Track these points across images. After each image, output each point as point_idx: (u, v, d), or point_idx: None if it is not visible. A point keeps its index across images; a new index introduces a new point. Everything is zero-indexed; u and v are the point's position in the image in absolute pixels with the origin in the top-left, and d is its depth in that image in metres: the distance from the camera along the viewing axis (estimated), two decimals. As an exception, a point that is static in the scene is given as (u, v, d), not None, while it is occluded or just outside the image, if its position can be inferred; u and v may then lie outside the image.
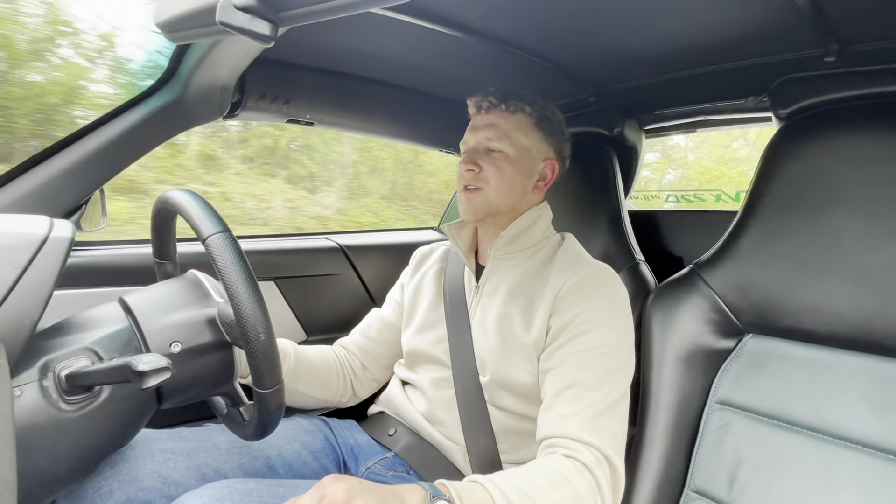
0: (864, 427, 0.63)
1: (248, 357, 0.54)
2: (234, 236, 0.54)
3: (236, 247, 0.54)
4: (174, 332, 0.59)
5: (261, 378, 0.54)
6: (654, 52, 0.93)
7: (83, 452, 0.55)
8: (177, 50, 0.85)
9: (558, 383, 0.73)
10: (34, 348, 0.52)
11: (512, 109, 0.85)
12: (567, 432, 0.68)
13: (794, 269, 0.71)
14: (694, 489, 0.73)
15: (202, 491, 0.58)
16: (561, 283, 0.79)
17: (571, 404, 0.70)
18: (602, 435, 0.68)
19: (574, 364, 0.73)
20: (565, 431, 0.68)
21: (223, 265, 0.52)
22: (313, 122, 1.15)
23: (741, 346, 0.77)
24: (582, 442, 0.67)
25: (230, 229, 0.55)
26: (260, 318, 0.53)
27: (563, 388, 0.72)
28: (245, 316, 0.52)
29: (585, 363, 0.73)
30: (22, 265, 0.52)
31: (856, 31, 0.75)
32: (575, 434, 0.68)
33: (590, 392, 0.70)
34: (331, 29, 0.89)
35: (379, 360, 1.00)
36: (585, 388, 0.71)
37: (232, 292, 0.52)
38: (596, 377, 0.71)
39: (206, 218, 0.55)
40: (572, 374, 0.72)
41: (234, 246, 0.54)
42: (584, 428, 0.68)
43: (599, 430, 0.68)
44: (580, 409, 0.69)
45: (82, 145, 0.86)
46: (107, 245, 1.04)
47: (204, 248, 0.53)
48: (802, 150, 0.73)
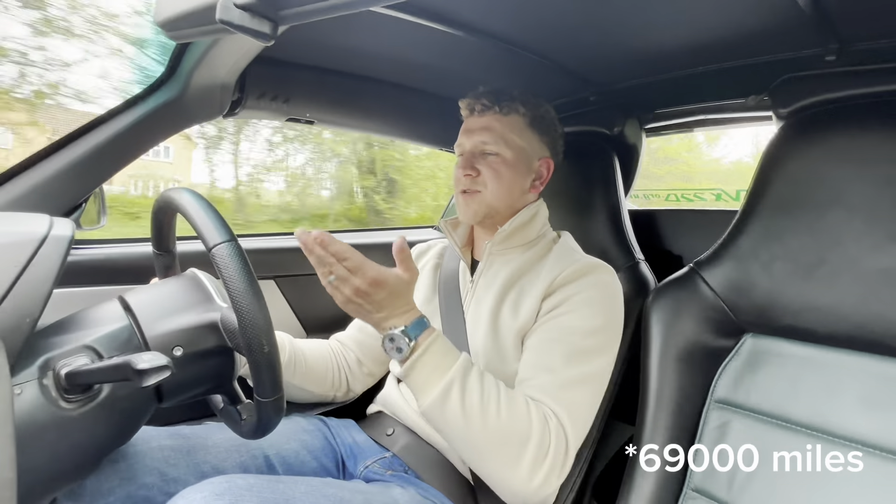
0: (863, 426, 0.63)
1: (250, 367, 0.54)
2: (240, 245, 0.54)
3: (243, 257, 0.54)
4: (176, 336, 0.58)
5: (263, 388, 0.55)
6: (654, 51, 0.93)
7: (83, 451, 0.55)
8: (177, 48, 0.85)
9: (533, 357, 0.77)
10: (34, 347, 0.52)
11: (506, 111, 0.86)
12: (530, 393, 0.72)
13: (795, 269, 0.71)
14: (693, 488, 0.73)
15: (202, 486, 0.59)
16: (556, 272, 0.80)
17: (539, 372, 0.74)
18: (562, 403, 0.71)
19: (549, 339, 0.76)
20: (529, 393, 0.73)
21: (229, 276, 0.52)
22: (313, 120, 1.15)
23: (741, 346, 0.77)
24: (542, 403, 0.71)
25: (236, 238, 0.54)
26: (264, 329, 0.53)
27: (536, 362, 0.76)
28: (250, 327, 0.52)
29: (561, 338, 0.76)
30: (22, 263, 0.52)
31: (857, 30, 0.75)
32: (537, 395, 0.72)
33: (560, 365, 0.74)
34: (331, 27, 0.89)
35: (375, 354, 1.00)
36: (557, 361, 0.74)
37: (238, 304, 0.52)
38: (568, 353, 0.74)
39: (213, 226, 0.55)
40: (546, 349, 0.76)
41: (240, 256, 0.53)
42: (546, 392, 0.72)
43: (561, 398, 0.72)
44: (545, 377, 0.73)
45: (82, 143, 0.85)
46: (107, 243, 1.04)
47: (210, 257, 0.53)
48: (803, 150, 0.73)
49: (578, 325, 0.76)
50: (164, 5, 0.51)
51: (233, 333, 0.58)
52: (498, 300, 0.83)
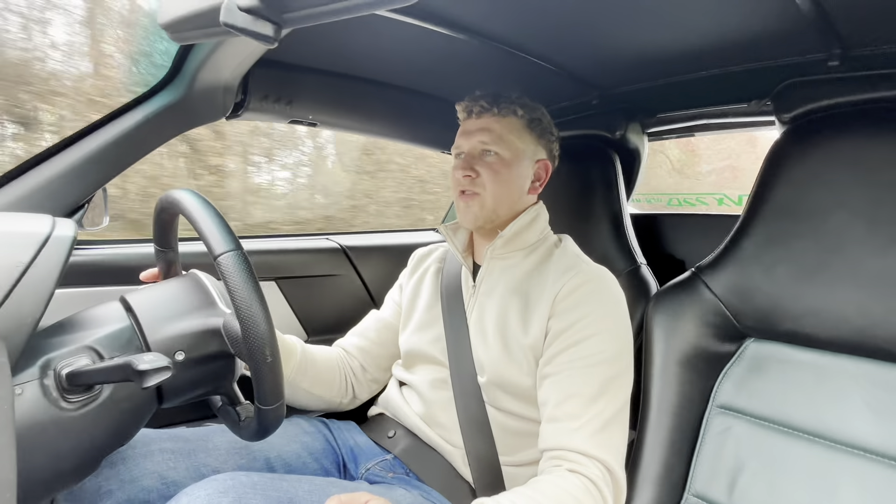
0: (865, 432, 0.63)
1: (252, 375, 0.55)
2: (246, 255, 0.54)
3: (248, 266, 0.54)
4: (179, 341, 0.58)
5: (264, 396, 0.55)
6: (657, 56, 0.93)
7: (83, 451, 0.55)
8: (180, 50, 0.85)
9: (559, 392, 0.73)
10: (35, 347, 0.52)
11: (504, 113, 0.86)
12: (572, 445, 0.68)
13: (797, 273, 0.71)
14: (694, 493, 0.73)
15: (206, 483, 0.58)
16: (560, 285, 0.79)
17: (574, 416, 0.70)
18: (606, 447, 0.68)
19: (575, 372, 0.73)
20: (570, 444, 0.69)
21: (234, 285, 0.52)
22: (316, 123, 1.15)
23: (742, 351, 0.76)
24: (587, 455, 0.67)
25: (242, 247, 0.54)
26: (268, 339, 0.53)
27: (565, 398, 0.72)
28: (253, 337, 0.53)
29: (586, 371, 0.73)
30: (24, 264, 0.52)
31: (860, 35, 0.75)
32: (580, 447, 0.68)
33: (592, 402, 0.70)
34: (335, 30, 0.89)
35: (378, 361, 1.00)
36: (587, 398, 0.71)
37: (242, 313, 0.52)
38: (597, 386, 0.71)
39: (219, 234, 0.54)
40: (573, 383, 0.72)
41: (246, 265, 0.53)
42: (589, 441, 0.68)
43: (603, 442, 0.68)
44: (584, 422, 0.69)
45: (85, 144, 0.86)
46: (109, 244, 1.04)
47: (215, 265, 0.53)
48: (806, 155, 0.73)
49: (598, 350, 0.74)
50: (168, 7, 0.51)
51: (235, 341, 0.58)
52: (502, 308, 0.83)
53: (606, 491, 0.66)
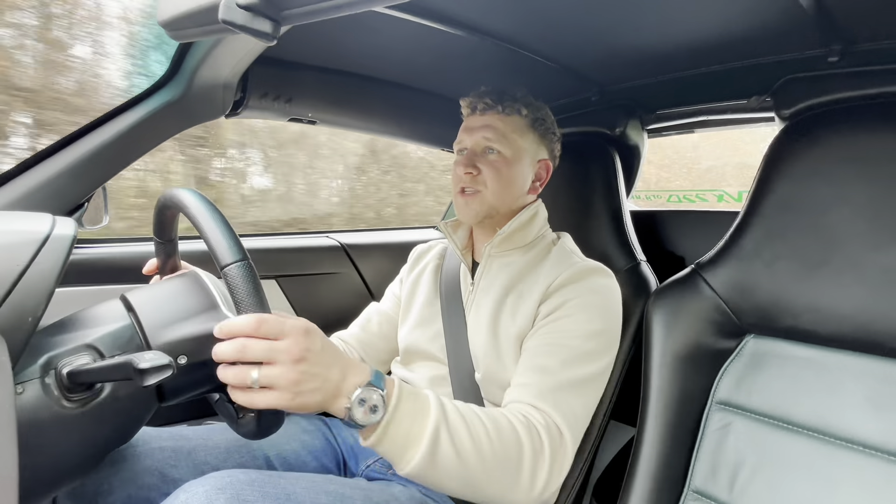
0: (866, 428, 0.63)
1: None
2: (252, 266, 0.54)
3: (255, 278, 0.53)
4: (182, 345, 0.58)
5: None
6: (657, 52, 0.93)
7: (84, 450, 0.55)
8: (179, 48, 0.85)
9: (526, 363, 0.75)
10: (36, 345, 0.52)
11: (508, 111, 0.86)
12: (524, 398, 0.71)
13: (797, 270, 0.71)
14: (694, 489, 0.73)
15: (205, 480, 0.59)
16: (554, 275, 0.80)
17: (535, 375, 0.73)
18: (556, 406, 0.70)
19: (545, 348, 0.75)
20: (523, 397, 0.71)
21: (241, 297, 0.52)
22: (315, 120, 1.15)
23: (742, 347, 0.76)
24: (536, 407, 0.70)
25: (249, 257, 0.54)
26: None
27: (530, 368, 0.74)
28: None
29: (558, 342, 0.75)
30: (24, 263, 0.52)
31: (860, 30, 0.75)
32: (530, 399, 0.70)
33: (556, 368, 0.72)
34: (333, 27, 0.89)
35: (378, 353, 1.00)
36: (553, 365, 0.73)
37: None
38: (565, 357, 0.73)
39: (226, 244, 0.54)
40: (544, 352, 0.75)
41: (253, 277, 0.53)
42: (541, 396, 0.70)
43: (557, 401, 0.70)
44: (541, 380, 0.72)
45: (85, 143, 0.86)
46: (109, 243, 1.04)
47: (222, 274, 0.53)
48: (806, 150, 0.72)
49: (576, 328, 0.76)
50: (167, 5, 0.51)
51: None
52: (497, 304, 0.83)
53: (545, 438, 0.66)
